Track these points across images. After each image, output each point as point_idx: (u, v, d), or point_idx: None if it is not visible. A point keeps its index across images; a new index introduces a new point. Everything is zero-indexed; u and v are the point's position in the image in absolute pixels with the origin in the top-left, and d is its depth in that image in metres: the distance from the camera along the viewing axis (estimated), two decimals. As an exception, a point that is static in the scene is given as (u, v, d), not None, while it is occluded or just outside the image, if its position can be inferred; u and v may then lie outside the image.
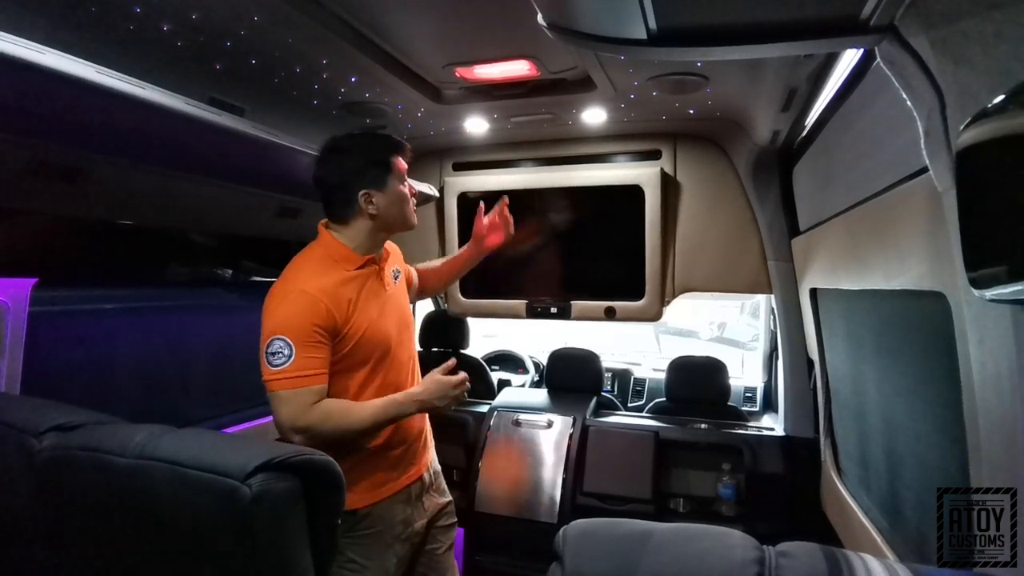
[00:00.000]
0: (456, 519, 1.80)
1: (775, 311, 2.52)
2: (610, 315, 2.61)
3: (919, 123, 0.77)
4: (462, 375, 1.52)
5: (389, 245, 1.67)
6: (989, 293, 0.65)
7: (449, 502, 1.76)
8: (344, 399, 1.45)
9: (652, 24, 0.85)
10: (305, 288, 1.40)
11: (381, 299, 1.55)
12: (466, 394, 1.55)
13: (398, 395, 1.48)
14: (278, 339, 1.34)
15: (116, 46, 1.39)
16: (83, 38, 1.31)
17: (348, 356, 1.45)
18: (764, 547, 0.64)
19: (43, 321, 1.55)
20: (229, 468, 0.82)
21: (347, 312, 1.43)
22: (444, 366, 1.53)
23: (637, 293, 2.55)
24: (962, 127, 0.62)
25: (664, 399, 2.93)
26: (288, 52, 1.59)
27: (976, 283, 0.66)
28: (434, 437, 1.76)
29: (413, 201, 1.58)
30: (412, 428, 1.60)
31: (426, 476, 1.66)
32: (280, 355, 1.34)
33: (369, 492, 1.51)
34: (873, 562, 0.60)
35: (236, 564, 0.84)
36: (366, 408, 1.42)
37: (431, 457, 1.71)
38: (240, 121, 1.48)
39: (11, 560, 1.00)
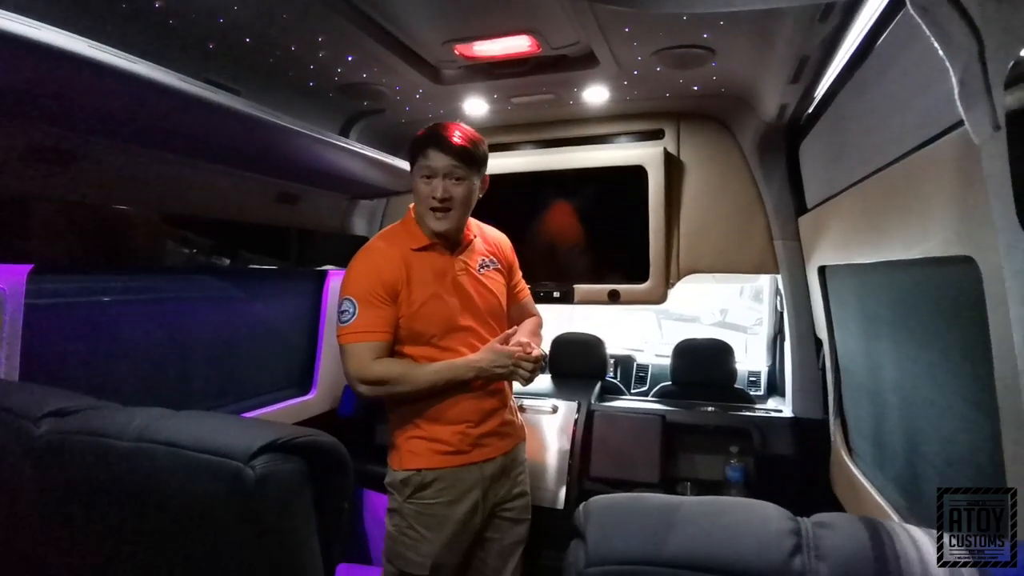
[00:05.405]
0: (529, 517, 1.77)
1: (781, 291, 2.48)
2: (614, 298, 2.57)
3: (952, 73, 0.72)
4: (524, 348, 1.57)
5: (492, 238, 1.77)
6: None
7: (523, 494, 1.75)
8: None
9: None
10: (369, 246, 1.61)
11: (447, 277, 1.61)
12: (529, 370, 1.57)
13: (458, 359, 1.56)
14: (346, 299, 1.53)
15: (108, 24, 1.34)
16: (75, 16, 1.26)
17: (409, 323, 1.55)
18: (799, 519, 0.61)
19: (40, 308, 1.51)
20: (232, 449, 0.79)
21: (405, 274, 1.55)
22: (503, 335, 1.62)
23: (641, 276, 2.52)
24: (1009, 69, 0.58)
25: (669, 383, 2.90)
26: (281, 29, 1.54)
27: None
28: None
29: (432, 203, 1.54)
30: (487, 405, 1.62)
31: (501, 461, 1.67)
32: (346, 313, 1.52)
33: (436, 456, 1.57)
34: (917, 532, 0.57)
35: (241, 547, 0.81)
36: (426, 368, 1.54)
37: (513, 447, 1.72)
38: (237, 100, 1.44)
39: (11, 546, 0.98)
